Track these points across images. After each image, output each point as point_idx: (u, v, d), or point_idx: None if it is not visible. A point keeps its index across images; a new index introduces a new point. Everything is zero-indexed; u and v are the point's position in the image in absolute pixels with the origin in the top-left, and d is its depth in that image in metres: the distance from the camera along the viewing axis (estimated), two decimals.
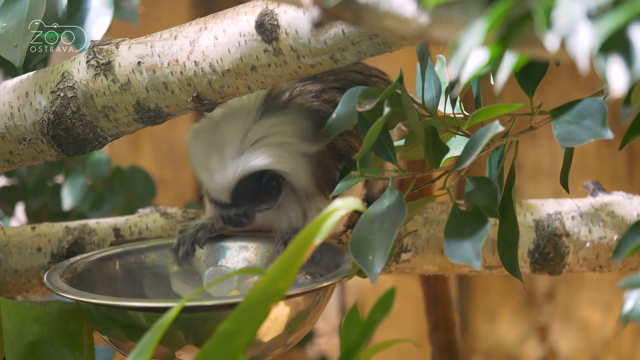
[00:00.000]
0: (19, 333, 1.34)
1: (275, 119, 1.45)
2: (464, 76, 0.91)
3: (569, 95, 2.62)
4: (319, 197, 1.48)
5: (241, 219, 1.47)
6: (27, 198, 2.19)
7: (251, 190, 1.45)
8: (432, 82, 1.32)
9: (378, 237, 1.19)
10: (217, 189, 1.44)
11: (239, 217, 1.47)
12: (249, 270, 1.47)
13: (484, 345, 2.90)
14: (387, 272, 1.66)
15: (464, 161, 1.17)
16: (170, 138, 2.81)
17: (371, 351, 1.05)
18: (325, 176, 1.47)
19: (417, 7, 0.93)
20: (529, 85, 1.28)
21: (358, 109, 1.21)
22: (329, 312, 2.87)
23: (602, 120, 1.15)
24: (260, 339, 1.33)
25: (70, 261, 1.50)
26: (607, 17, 0.81)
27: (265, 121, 1.45)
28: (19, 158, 1.48)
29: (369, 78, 1.58)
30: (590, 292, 2.81)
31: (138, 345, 1.01)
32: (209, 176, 1.43)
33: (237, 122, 1.44)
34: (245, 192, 1.45)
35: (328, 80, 1.53)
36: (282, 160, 1.43)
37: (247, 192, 1.45)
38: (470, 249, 1.17)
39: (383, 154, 1.26)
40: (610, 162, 2.76)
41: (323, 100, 1.50)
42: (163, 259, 1.58)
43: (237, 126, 1.44)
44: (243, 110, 1.46)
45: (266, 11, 1.30)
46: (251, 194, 1.45)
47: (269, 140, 1.44)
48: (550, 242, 1.63)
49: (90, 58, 1.41)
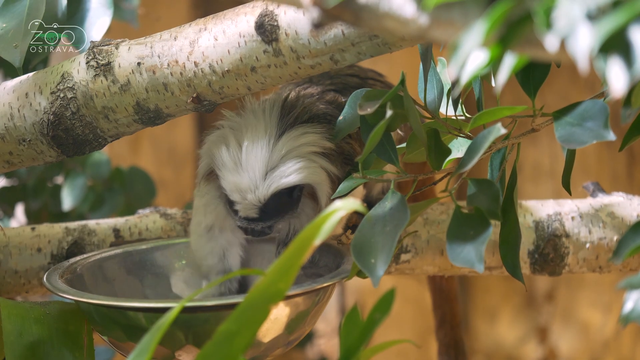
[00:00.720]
0: (19, 334, 1.34)
1: (296, 131, 1.43)
2: (464, 77, 0.91)
3: (569, 97, 2.63)
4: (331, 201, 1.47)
5: (264, 230, 1.46)
6: (27, 199, 2.19)
7: (280, 204, 1.43)
8: (434, 84, 1.31)
9: (380, 240, 1.18)
10: (248, 207, 1.42)
11: (263, 230, 1.46)
12: (249, 270, 1.47)
13: (484, 345, 2.90)
14: (387, 273, 1.66)
15: (467, 164, 1.17)
16: (170, 139, 2.81)
17: (371, 352, 1.05)
18: (338, 182, 1.46)
19: (417, 7, 0.93)
20: (530, 87, 1.28)
21: (359, 112, 1.20)
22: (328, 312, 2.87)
23: (604, 122, 1.15)
24: (260, 339, 1.33)
25: (70, 262, 1.50)
26: (607, 17, 0.81)
27: (288, 134, 1.42)
28: (19, 159, 1.48)
29: (366, 81, 1.57)
30: (590, 292, 2.81)
31: (138, 345, 1.01)
32: (240, 196, 1.41)
33: (261, 139, 1.41)
34: (274, 207, 1.42)
35: (325, 84, 1.53)
36: (313, 173, 1.41)
37: (276, 206, 1.43)
38: (473, 252, 1.17)
39: (385, 156, 1.26)
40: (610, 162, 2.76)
41: (326, 102, 1.49)
42: (163, 259, 1.58)
43: (262, 143, 1.41)
44: (262, 125, 1.43)
45: (266, 12, 1.30)
46: (279, 208, 1.43)
47: (295, 153, 1.41)
48: (550, 242, 1.63)
49: (90, 59, 1.41)
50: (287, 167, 1.41)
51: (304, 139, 1.42)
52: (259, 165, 1.40)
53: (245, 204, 1.41)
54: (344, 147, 1.47)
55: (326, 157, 1.43)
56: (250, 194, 1.40)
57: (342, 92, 1.51)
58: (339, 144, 1.45)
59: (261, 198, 1.40)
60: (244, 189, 1.40)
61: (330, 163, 1.43)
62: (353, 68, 1.59)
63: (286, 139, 1.42)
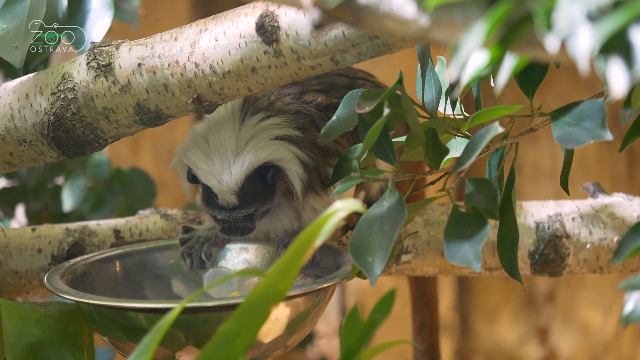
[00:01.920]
0: (19, 334, 1.34)
1: (258, 117, 1.48)
2: (464, 78, 0.91)
3: (569, 97, 2.62)
4: (311, 195, 1.49)
5: (247, 224, 1.48)
6: (27, 200, 2.19)
7: (256, 189, 1.46)
8: (433, 84, 1.32)
9: (378, 239, 1.19)
10: (225, 190, 1.44)
11: (244, 221, 1.47)
12: (250, 271, 1.46)
13: (484, 346, 2.90)
14: (388, 274, 1.66)
15: (464, 162, 1.17)
16: (170, 139, 2.81)
17: (371, 353, 1.05)
18: (316, 173, 1.48)
19: (418, 8, 0.93)
20: (529, 87, 1.28)
21: (357, 110, 1.21)
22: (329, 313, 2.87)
23: (601, 121, 1.15)
24: (261, 340, 1.33)
25: (70, 262, 1.50)
26: (607, 18, 0.81)
27: (251, 120, 1.47)
28: (19, 159, 1.48)
29: (355, 81, 1.58)
30: (590, 293, 2.81)
31: (138, 346, 1.01)
32: (216, 179, 1.44)
33: (226, 127, 1.47)
34: (251, 191, 1.46)
35: (310, 84, 1.54)
36: (278, 150, 1.46)
37: (252, 191, 1.46)
38: (470, 250, 1.17)
39: (383, 155, 1.26)
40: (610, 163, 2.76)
41: (302, 101, 1.52)
42: (163, 260, 1.58)
43: (227, 130, 1.46)
44: (226, 116, 1.49)
45: (266, 13, 1.30)
46: (256, 193, 1.46)
47: (261, 135, 1.46)
48: (550, 243, 1.63)
49: (91, 59, 1.41)
50: (254, 146, 1.45)
51: (267, 122, 1.47)
52: (228, 148, 1.45)
53: (222, 188, 1.45)
54: (330, 145, 1.49)
55: (293, 142, 1.47)
56: (225, 174, 1.44)
57: (328, 92, 1.53)
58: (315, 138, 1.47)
59: (237, 179, 1.44)
60: (217, 171, 1.44)
61: (298, 148, 1.47)
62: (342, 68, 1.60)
63: (249, 123, 1.47)
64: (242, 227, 1.49)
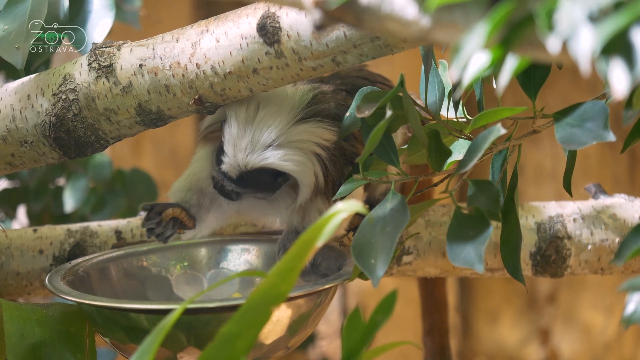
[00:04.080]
0: (21, 335, 1.34)
1: (314, 125, 1.44)
2: (465, 79, 0.91)
3: (570, 98, 2.63)
4: (320, 198, 1.48)
5: (231, 195, 1.47)
6: (28, 201, 2.19)
7: (260, 182, 1.45)
8: (436, 85, 1.32)
9: (380, 241, 1.19)
10: (233, 166, 1.43)
11: (231, 193, 1.47)
12: (251, 272, 1.47)
13: (485, 347, 2.90)
14: (389, 275, 1.66)
15: (466, 164, 1.17)
16: (171, 140, 2.81)
17: (373, 353, 1.05)
18: (330, 179, 1.47)
19: (419, 9, 0.93)
20: (531, 88, 1.28)
21: (357, 114, 1.21)
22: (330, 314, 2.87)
23: (604, 122, 1.15)
24: (262, 341, 1.33)
25: (72, 263, 1.50)
26: (608, 19, 0.81)
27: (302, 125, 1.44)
28: (21, 160, 1.48)
29: (374, 84, 1.58)
30: (591, 294, 2.81)
31: (140, 347, 1.01)
32: (233, 150, 1.42)
33: (279, 116, 1.43)
34: (254, 180, 1.45)
35: (335, 84, 1.54)
36: (305, 171, 1.43)
37: (256, 181, 1.45)
38: (473, 252, 1.17)
39: (386, 157, 1.26)
40: (612, 164, 2.76)
41: (337, 102, 1.50)
42: (165, 261, 1.58)
43: (277, 120, 1.43)
44: (287, 105, 1.44)
45: (268, 14, 1.30)
46: (258, 184, 1.46)
47: (302, 145, 1.43)
48: (552, 244, 1.63)
49: (92, 60, 1.41)
50: (285, 153, 1.42)
51: (316, 135, 1.44)
52: (266, 134, 1.42)
53: (232, 161, 1.42)
54: (347, 148, 1.48)
55: (327, 159, 1.45)
56: (241, 153, 1.42)
57: (351, 93, 1.52)
58: (342, 146, 1.46)
59: (249, 166, 1.42)
60: (241, 147, 1.42)
61: (329, 164, 1.45)
62: (363, 71, 1.60)
63: (303, 127, 1.43)
64: (227, 193, 1.47)
